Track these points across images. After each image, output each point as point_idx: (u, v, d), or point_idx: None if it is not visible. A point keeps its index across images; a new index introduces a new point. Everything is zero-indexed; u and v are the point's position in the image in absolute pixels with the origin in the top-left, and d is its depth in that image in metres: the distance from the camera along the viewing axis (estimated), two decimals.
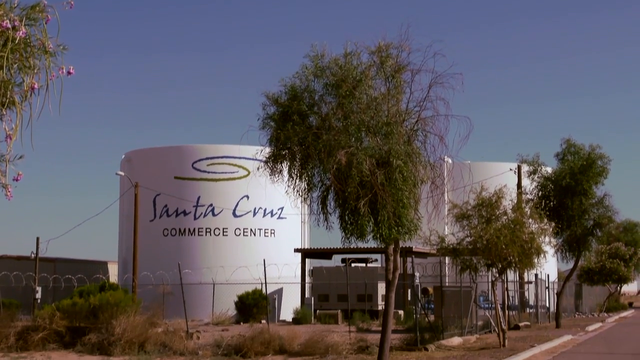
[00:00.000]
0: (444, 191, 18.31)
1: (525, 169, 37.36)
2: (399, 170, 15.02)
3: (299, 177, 16.05)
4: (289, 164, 16.04)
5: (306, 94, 15.64)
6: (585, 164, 34.71)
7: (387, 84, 15.86)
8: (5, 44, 6.35)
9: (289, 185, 16.24)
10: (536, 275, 42.20)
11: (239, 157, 47.81)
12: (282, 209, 49.01)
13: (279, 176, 16.37)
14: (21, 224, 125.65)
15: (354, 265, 46.24)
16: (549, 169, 37.05)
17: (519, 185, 41.20)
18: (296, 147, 15.65)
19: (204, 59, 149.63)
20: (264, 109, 15.92)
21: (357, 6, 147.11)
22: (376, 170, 14.90)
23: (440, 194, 17.37)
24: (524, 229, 25.59)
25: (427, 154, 16.30)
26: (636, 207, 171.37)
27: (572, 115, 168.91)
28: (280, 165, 16.20)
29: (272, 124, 15.80)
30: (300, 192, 16.26)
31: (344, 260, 46.73)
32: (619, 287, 65.95)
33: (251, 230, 49.62)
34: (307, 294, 45.62)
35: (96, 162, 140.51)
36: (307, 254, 48.85)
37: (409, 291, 42.08)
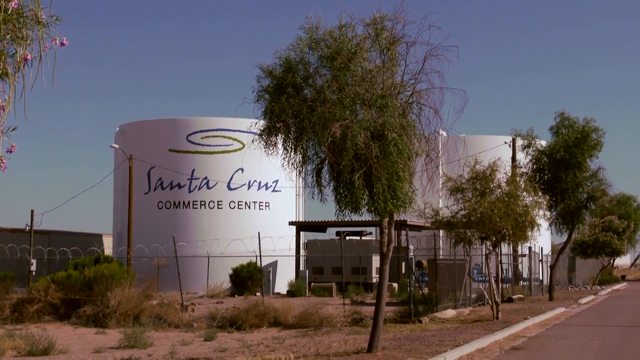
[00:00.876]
0: (439, 164, 18.32)
1: (519, 142, 37.37)
2: (393, 143, 14.99)
3: (293, 149, 16.01)
4: (283, 136, 15.99)
5: (301, 67, 15.56)
6: (579, 137, 34.73)
7: (382, 57, 15.78)
8: None
9: (283, 158, 16.21)
10: (530, 248, 42.37)
11: (234, 130, 47.73)
12: (276, 181, 49.04)
13: (273, 149, 16.32)
14: (15, 197, 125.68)
15: (348, 238, 46.36)
16: (543, 143, 37.08)
17: (514, 158, 41.25)
18: (291, 119, 15.59)
19: (199, 31, 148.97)
20: (258, 81, 15.85)
21: None
22: (371, 143, 14.86)
23: (434, 167, 17.37)
24: (518, 202, 25.63)
25: (421, 126, 16.25)
26: (630, 180, 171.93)
27: (567, 88, 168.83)
28: (274, 138, 16.14)
29: (266, 96, 15.73)
30: (294, 165, 16.23)
31: (338, 233, 46.84)
32: (612, 260, 66.31)
33: (246, 203, 49.64)
34: (301, 267, 45.76)
35: (90, 135, 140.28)
36: (301, 226, 48.96)
37: (403, 264, 42.24)
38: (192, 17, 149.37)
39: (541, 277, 46.53)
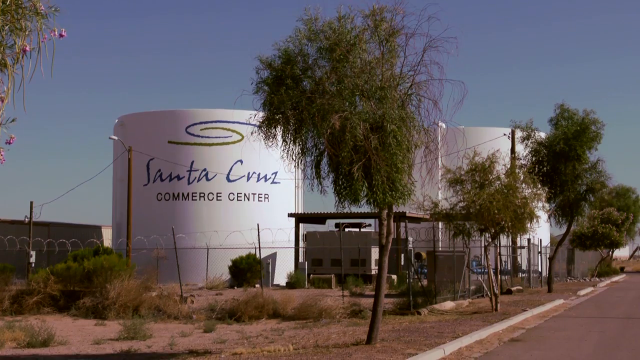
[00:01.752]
0: (438, 156, 18.30)
1: (519, 134, 37.35)
2: (392, 134, 14.98)
3: (292, 141, 15.98)
4: (282, 128, 15.96)
5: (300, 58, 15.54)
6: (578, 129, 34.69)
7: (381, 48, 15.75)
8: None
9: (282, 149, 16.19)
10: (529, 240, 42.39)
11: (233, 122, 47.76)
12: (275, 173, 49.05)
13: (272, 141, 16.30)
14: (15, 188, 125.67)
15: (347, 230, 46.39)
16: (542, 134, 37.06)
17: (513, 150, 41.23)
18: (290, 111, 15.57)
19: (198, 23, 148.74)
20: (257, 73, 15.82)
21: None
22: (370, 134, 14.85)
23: (433, 159, 17.36)
24: (517, 194, 25.64)
25: (421, 118, 16.23)
26: (629, 172, 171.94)
27: (567, 80, 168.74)
28: (274, 129, 16.11)
29: (265, 88, 15.70)
30: (294, 157, 16.20)
31: (337, 225, 46.88)
32: (611, 252, 66.39)
33: (245, 195, 49.65)
34: (300, 259, 45.79)
35: (90, 126, 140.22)
36: (300, 218, 48.98)
37: (402, 256, 42.29)
38: (191, 8, 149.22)
39: (540, 269, 46.57)
